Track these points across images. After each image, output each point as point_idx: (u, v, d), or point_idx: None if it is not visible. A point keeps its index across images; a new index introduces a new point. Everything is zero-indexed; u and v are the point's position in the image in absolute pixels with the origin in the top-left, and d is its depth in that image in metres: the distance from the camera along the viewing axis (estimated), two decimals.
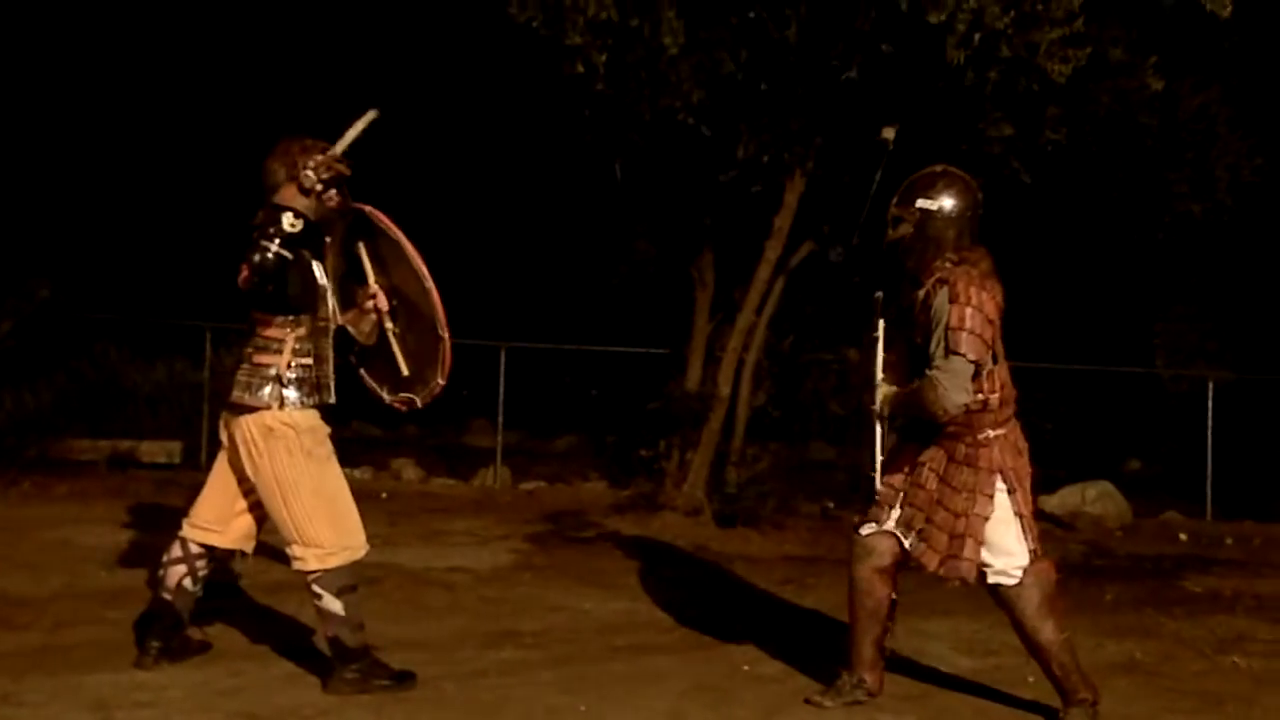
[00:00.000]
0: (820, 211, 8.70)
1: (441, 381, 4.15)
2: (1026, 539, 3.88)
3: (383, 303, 4.13)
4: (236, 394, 3.94)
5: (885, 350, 4.06)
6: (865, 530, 4.07)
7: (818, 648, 4.91)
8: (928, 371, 3.82)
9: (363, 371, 4.31)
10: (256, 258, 3.72)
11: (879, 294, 4.08)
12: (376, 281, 4.13)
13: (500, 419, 10.76)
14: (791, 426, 10.40)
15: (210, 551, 4.15)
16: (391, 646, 4.32)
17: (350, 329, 4.13)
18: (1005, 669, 4.68)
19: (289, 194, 3.85)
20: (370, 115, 4.03)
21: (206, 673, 4.09)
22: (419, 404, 4.26)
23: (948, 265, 3.85)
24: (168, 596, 4.13)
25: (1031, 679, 4.55)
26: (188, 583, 4.12)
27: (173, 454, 9.85)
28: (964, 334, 3.75)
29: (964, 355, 3.75)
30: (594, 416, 12.25)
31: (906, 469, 4.02)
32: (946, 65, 6.57)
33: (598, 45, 6.71)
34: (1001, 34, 6.31)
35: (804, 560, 7.25)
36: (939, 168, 4.02)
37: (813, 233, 8.82)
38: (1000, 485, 3.87)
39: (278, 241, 3.72)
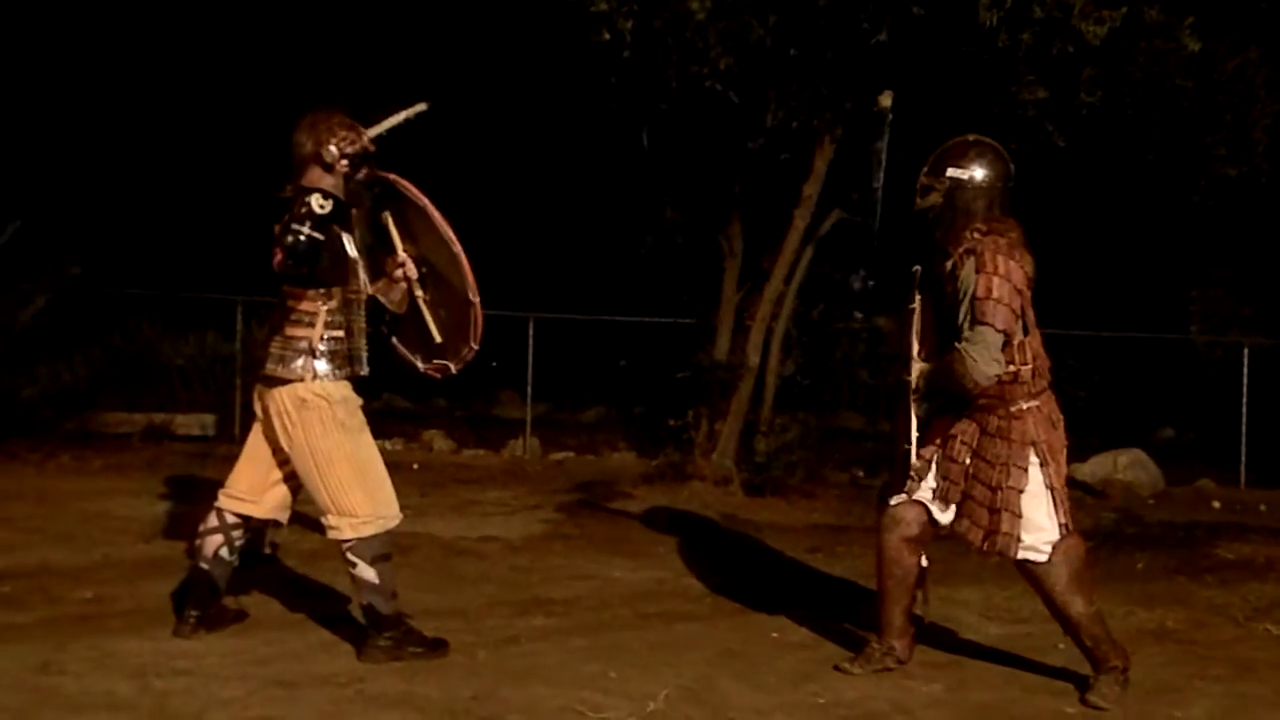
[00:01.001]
0: (850, 179, 8.62)
1: (475, 347, 4.16)
2: (1057, 514, 3.85)
3: (411, 270, 4.13)
4: (270, 366, 3.97)
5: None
6: (894, 500, 4.06)
7: (846, 615, 4.92)
8: (956, 344, 3.78)
9: (395, 341, 4.33)
10: (289, 240, 3.73)
11: (917, 268, 4.02)
12: (404, 250, 4.13)
13: (529, 390, 10.80)
14: (820, 395, 10.37)
15: (246, 521, 4.20)
16: (424, 615, 4.36)
17: (381, 298, 4.14)
18: (1035, 636, 4.67)
19: (316, 174, 3.87)
20: (419, 107, 4.05)
21: (243, 641, 4.15)
22: (453, 370, 4.27)
23: (976, 235, 3.80)
24: (205, 566, 4.18)
25: (1061, 645, 4.53)
26: (224, 552, 4.17)
27: (207, 426, 9.96)
28: (991, 303, 3.71)
29: (991, 325, 3.71)
30: (622, 387, 12.28)
31: (939, 441, 3.99)
32: (979, 28, 6.47)
33: (624, 11, 6.66)
34: None
35: (833, 529, 7.25)
36: (971, 136, 3.96)
37: (842, 200, 8.74)
38: (1033, 458, 3.82)
39: (309, 224, 3.72)
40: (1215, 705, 3.93)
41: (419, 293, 4.17)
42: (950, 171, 3.85)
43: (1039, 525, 3.83)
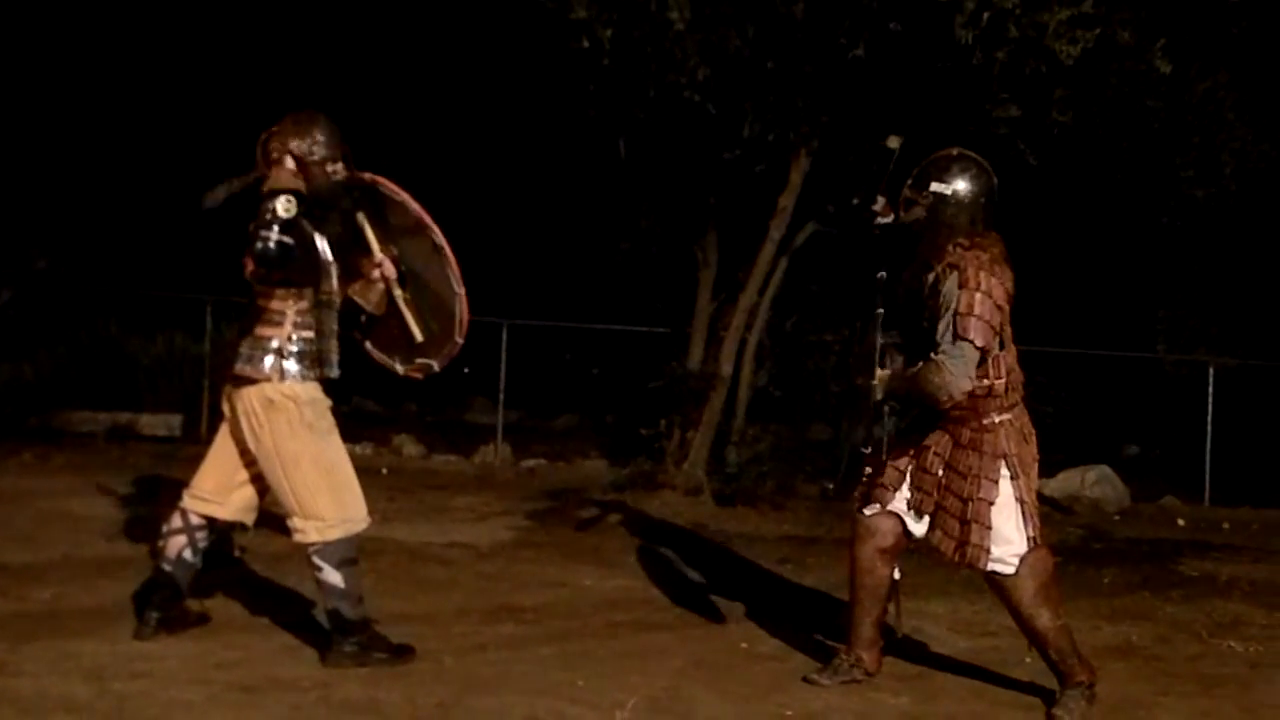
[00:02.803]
0: (825, 191, 8.66)
1: (459, 340, 4.13)
2: (1026, 527, 3.85)
3: (389, 270, 4.09)
4: (238, 365, 3.93)
5: (885, 332, 4.02)
6: (869, 511, 4.06)
7: (816, 626, 4.93)
8: (933, 355, 3.78)
9: (370, 346, 4.28)
10: (259, 247, 3.70)
11: (882, 274, 4.02)
12: (382, 249, 4.09)
13: (501, 396, 10.76)
14: (793, 407, 10.39)
15: (211, 523, 4.15)
16: (390, 621, 4.32)
17: (358, 300, 4.10)
18: (1003, 650, 4.68)
19: (283, 176, 3.83)
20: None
21: (204, 644, 4.09)
22: (436, 368, 4.23)
23: (959, 250, 3.81)
24: (167, 567, 4.13)
25: (1028, 659, 4.55)
26: (188, 554, 4.12)
27: (173, 427, 9.86)
28: (973, 320, 3.71)
29: (971, 341, 3.72)
30: (595, 395, 12.26)
31: (912, 452, 4.00)
32: (954, 45, 6.53)
33: (603, 20, 6.67)
34: (1010, 14, 6.28)
35: (803, 540, 7.26)
36: (954, 150, 3.95)
37: (817, 212, 8.78)
38: (1004, 471, 3.83)
39: (276, 229, 3.70)
40: None
41: (398, 292, 4.13)
42: (934, 186, 3.85)
43: (1008, 538, 3.84)
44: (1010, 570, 3.84)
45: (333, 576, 3.90)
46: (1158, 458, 12.52)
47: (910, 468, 3.99)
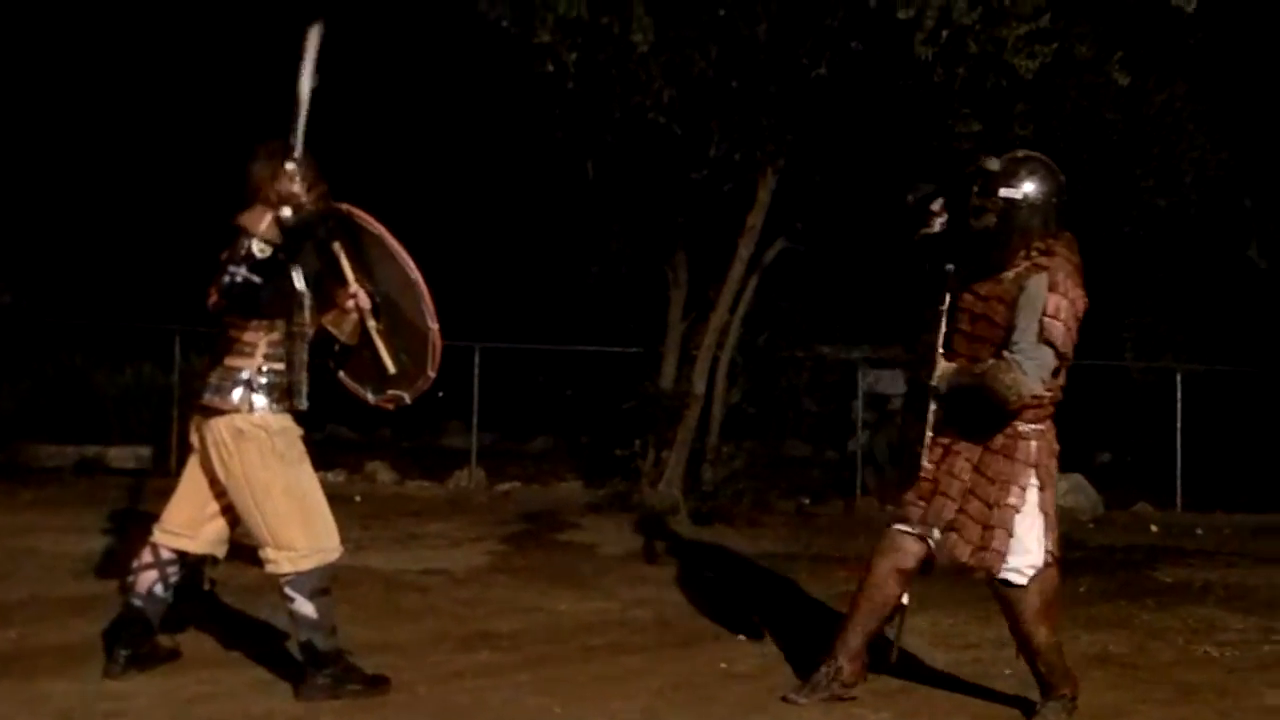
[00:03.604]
0: (793, 208, 8.72)
1: (432, 374, 4.11)
2: (1046, 540, 3.82)
3: (364, 301, 4.06)
4: (207, 396, 3.90)
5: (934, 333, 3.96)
6: (896, 525, 3.98)
7: (794, 644, 4.91)
8: (1007, 354, 3.69)
9: (342, 375, 4.25)
10: (225, 280, 3.70)
11: (950, 266, 3.90)
12: (357, 280, 4.06)
13: (475, 420, 10.72)
14: (767, 423, 10.43)
15: (182, 557, 4.09)
16: (364, 650, 4.27)
17: (331, 329, 4.06)
18: (983, 662, 4.70)
19: (258, 214, 3.81)
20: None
21: (175, 680, 4.02)
22: (407, 400, 4.21)
23: (1040, 253, 3.72)
24: (138, 603, 4.06)
25: (1009, 672, 4.56)
26: (159, 589, 4.06)
27: (142, 459, 9.75)
28: (1059, 325, 3.66)
29: (1054, 345, 3.66)
30: (569, 416, 12.24)
31: (941, 456, 3.92)
32: (915, 62, 6.60)
33: (567, 44, 6.70)
34: (969, 30, 6.35)
35: (780, 557, 7.25)
36: (1020, 153, 3.85)
37: (786, 229, 8.84)
38: (1033, 480, 3.79)
39: (245, 267, 3.70)
40: None
41: (372, 323, 4.10)
42: (1003, 191, 3.74)
43: (1027, 548, 3.81)
44: (1023, 581, 3.81)
45: (305, 607, 3.85)
46: (1129, 465, 12.63)
47: (938, 473, 3.90)
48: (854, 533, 8.49)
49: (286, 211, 3.83)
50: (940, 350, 3.89)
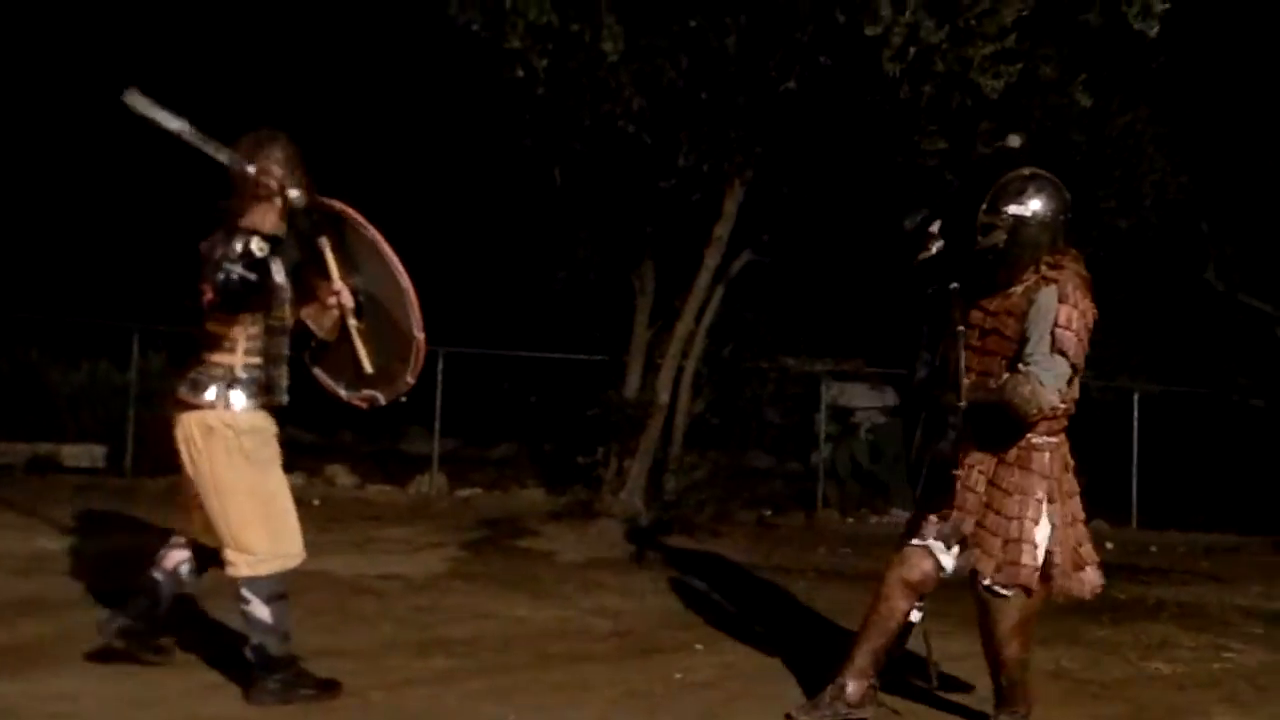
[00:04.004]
0: (759, 220, 8.75)
1: (411, 380, 4.08)
2: (1040, 553, 3.80)
3: (347, 299, 4.00)
4: (183, 391, 3.84)
5: (929, 349, 3.99)
6: (912, 542, 3.97)
7: (751, 654, 4.92)
8: (1023, 367, 3.72)
9: (317, 370, 4.19)
10: (221, 278, 3.61)
11: (955, 285, 3.92)
12: (341, 278, 3.99)
13: (437, 425, 10.65)
14: (729, 434, 10.44)
15: (213, 552, 3.98)
16: (318, 655, 4.23)
17: (310, 324, 4.01)
18: (941, 672, 4.71)
19: (260, 211, 3.74)
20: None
21: (123, 684, 3.96)
22: (382, 401, 4.16)
23: (1049, 267, 3.78)
24: (158, 576, 4.02)
25: (973, 686, 4.60)
26: (184, 569, 4.05)
27: (96, 458, 9.60)
28: (1071, 335, 3.70)
29: (1067, 356, 3.70)
30: (532, 423, 12.19)
31: (953, 469, 3.90)
32: (882, 78, 6.65)
33: (538, 50, 6.69)
34: (936, 48, 6.41)
35: (740, 567, 7.26)
36: (1026, 171, 3.87)
37: (752, 241, 8.87)
38: (1044, 493, 3.81)
39: (243, 264, 3.61)
40: None
41: (353, 322, 4.04)
42: (1011, 209, 3.77)
43: (1036, 562, 3.80)
44: (1008, 593, 3.80)
45: (260, 611, 3.80)
46: (1085, 483, 12.74)
47: (955, 488, 3.90)
48: (814, 544, 8.53)
49: (294, 193, 3.76)
50: (962, 370, 3.86)
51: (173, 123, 3.75)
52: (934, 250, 4.05)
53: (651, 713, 4.04)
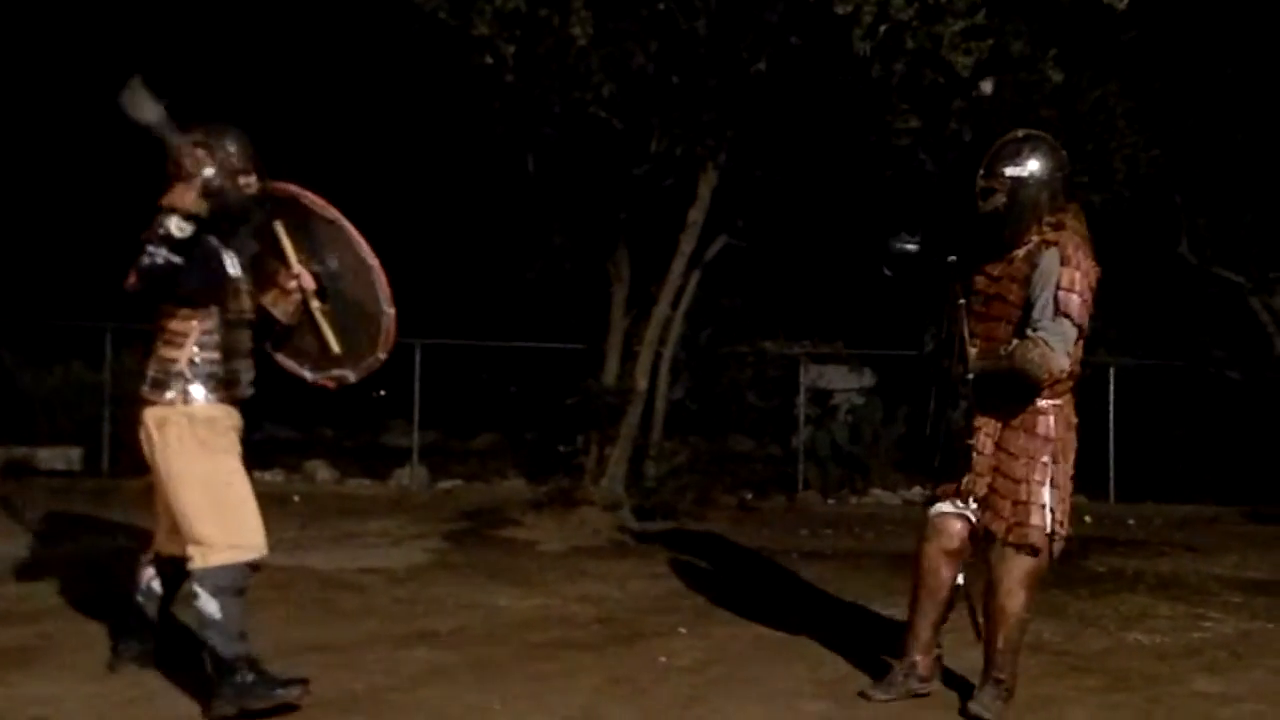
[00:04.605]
0: (734, 204, 8.74)
1: (383, 356, 4.04)
2: (1056, 512, 3.86)
3: (307, 282, 3.95)
4: (144, 390, 3.76)
5: (934, 322, 4.03)
6: (936, 509, 3.99)
7: (735, 638, 4.93)
8: (1030, 332, 3.75)
9: (279, 355, 4.12)
10: (145, 262, 3.55)
11: (953, 258, 3.96)
12: (299, 260, 3.94)
13: (416, 417, 10.61)
14: (709, 419, 10.46)
15: (180, 559, 3.85)
16: (300, 650, 4.21)
17: (272, 310, 3.94)
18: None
19: (179, 191, 3.66)
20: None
21: (105, 684, 3.93)
22: (352, 379, 4.10)
23: (1050, 228, 3.79)
24: (140, 598, 4.01)
25: (947, 660, 4.61)
26: (155, 585, 4.02)
27: (72, 461, 9.53)
28: (1075, 297, 3.72)
29: (1073, 318, 3.72)
30: (512, 413, 12.17)
31: (965, 437, 3.93)
32: (853, 57, 6.64)
33: (505, 36, 6.64)
34: (906, 26, 6.40)
35: (722, 552, 7.27)
36: (1020, 133, 3.90)
37: (727, 226, 8.86)
38: (1049, 454, 3.84)
39: (166, 247, 3.55)
40: (1090, 715, 4.03)
41: (315, 304, 4.00)
42: (1008, 171, 3.80)
43: (1048, 520, 3.84)
44: (1020, 549, 3.85)
45: (208, 605, 3.60)
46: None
47: (965, 453, 3.93)
48: (796, 526, 8.55)
49: (209, 172, 3.69)
50: (967, 341, 3.90)
51: (152, 113, 3.73)
52: (912, 247, 4.09)
53: (637, 698, 4.04)
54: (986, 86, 4.02)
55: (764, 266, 10.38)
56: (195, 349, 3.72)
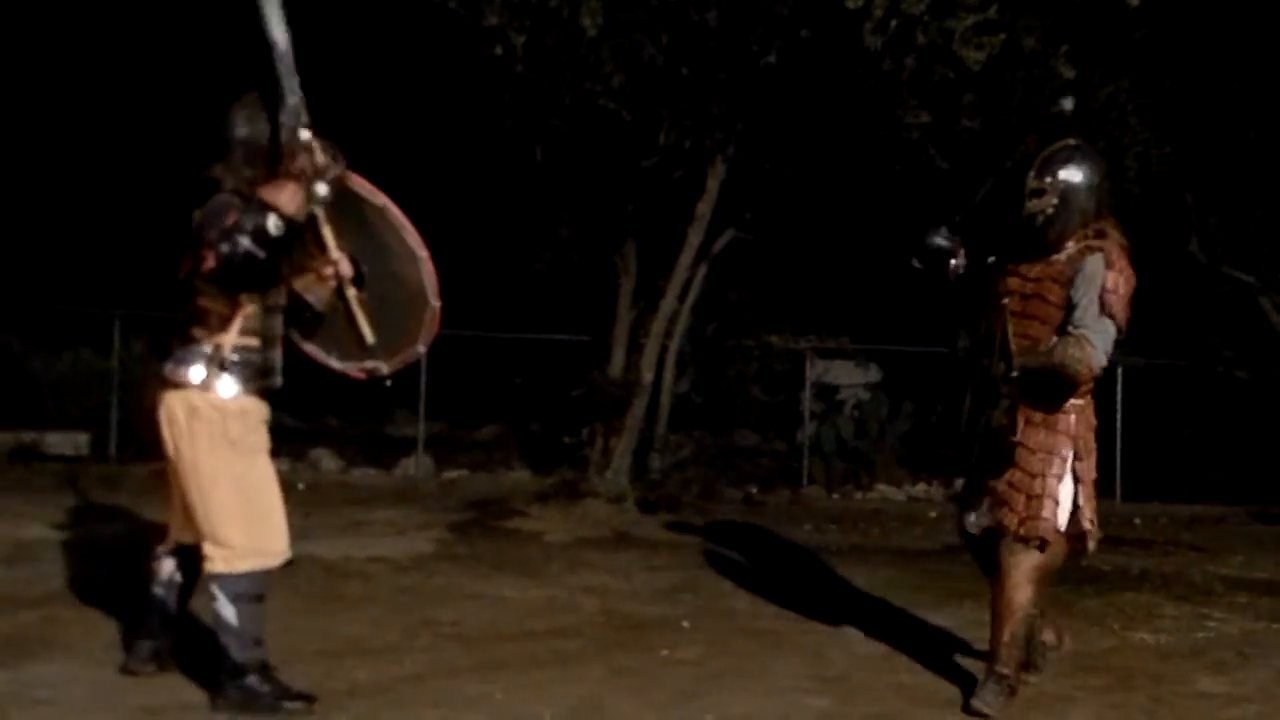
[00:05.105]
0: (742, 197, 8.72)
1: (422, 349, 3.99)
2: (1086, 509, 3.99)
3: (346, 269, 3.79)
4: (168, 369, 3.63)
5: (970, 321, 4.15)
6: (971, 516, 4.13)
7: (737, 631, 4.93)
8: (1073, 330, 3.87)
9: (307, 345, 3.98)
10: (227, 249, 3.38)
11: (993, 258, 4.12)
12: (338, 247, 3.79)
13: (422, 407, 10.62)
14: (715, 413, 10.45)
15: (197, 548, 3.79)
16: (305, 637, 4.22)
17: (306, 296, 3.80)
18: (923, 647, 4.73)
19: (285, 194, 3.50)
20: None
21: (109, 670, 3.93)
22: (385, 371, 4.01)
23: (1094, 234, 3.95)
24: (159, 591, 3.89)
25: (948, 656, 4.62)
26: (177, 578, 3.90)
27: (80, 446, 9.55)
28: (1118, 299, 3.86)
29: (1115, 319, 3.86)
30: (518, 404, 12.17)
31: (1009, 434, 4.02)
32: (864, 52, 6.61)
33: (516, 26, 6.63)
34: (918, 20, 6.38)
35: (727, 545, 7.27)
36: (1072, 141, 4.08)
37: (734, 219, 8.84)
38: (1071, 451, 3.96)
39: (255, 241, 3.39)
40: (1094, 714, 4.02)
41: (351, 292, 3.84)
42: (1062, 174, 3.96)
43: (1060, 517, 3.96)
44: (1029, 542, 3.94)
45: (227, 611, 3.55)
46: None
47: (1010, 451, 4.03)
48: (800, 521, 8.55)
49: (323, 189, 3.55)
50: (1011, 339, 3.99)
51: (278, 31, 3.57)
52: (955, 263, 4.23)
53: (638, 690, 4.04)
54: (1067, 104, 4.25)
55: (771, 261, 10.36)
56: (237, 336, 3.60)
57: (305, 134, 3.55)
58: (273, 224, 3.43)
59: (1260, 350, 11.46)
